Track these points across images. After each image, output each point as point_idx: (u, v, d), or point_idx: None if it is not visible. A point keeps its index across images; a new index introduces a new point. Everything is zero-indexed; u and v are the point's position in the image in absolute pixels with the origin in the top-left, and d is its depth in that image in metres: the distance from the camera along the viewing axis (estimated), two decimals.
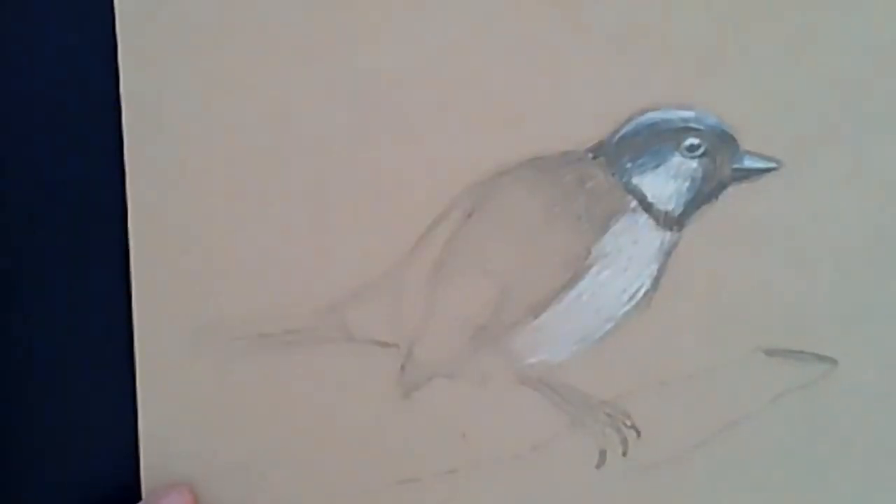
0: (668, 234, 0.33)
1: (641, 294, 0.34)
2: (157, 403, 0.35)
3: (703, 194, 0.33)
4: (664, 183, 0.33)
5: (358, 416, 0.35)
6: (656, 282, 0.34)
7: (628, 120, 0.33)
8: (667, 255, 0.34)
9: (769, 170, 0.33)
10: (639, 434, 0.35)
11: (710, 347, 0.34)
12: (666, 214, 0.33)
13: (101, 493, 0.36)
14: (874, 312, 0.34)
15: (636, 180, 0.33)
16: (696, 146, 0.33)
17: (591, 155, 0.33)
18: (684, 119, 0.33)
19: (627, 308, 0.34)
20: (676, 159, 0.33)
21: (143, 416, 0.35)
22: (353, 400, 0.35)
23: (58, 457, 0.36)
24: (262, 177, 0.34)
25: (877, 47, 0.33)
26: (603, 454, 0.35)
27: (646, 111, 0.33)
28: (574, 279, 0.33)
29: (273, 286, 0.34)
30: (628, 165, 0.33)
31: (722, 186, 0.33)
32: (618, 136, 0.33)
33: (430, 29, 0.33)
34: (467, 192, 0.34)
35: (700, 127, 0.33)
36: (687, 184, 0.33)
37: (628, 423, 0.35)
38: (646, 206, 0.33)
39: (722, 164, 0.33)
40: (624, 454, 0.35)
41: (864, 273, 0.34)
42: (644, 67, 0.33)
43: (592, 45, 0.33)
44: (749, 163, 0.33)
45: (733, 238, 0.34)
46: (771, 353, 0.34)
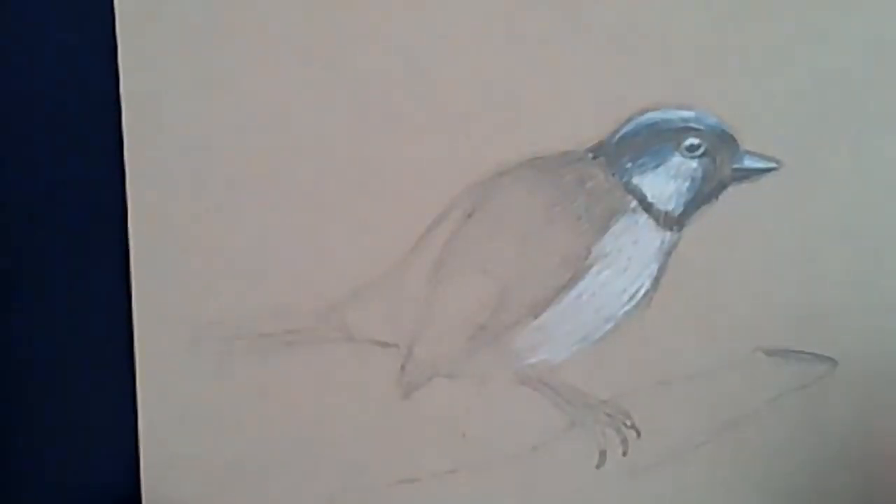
0: (668, 234, 0.33)
1: (641, 294, 0.34)
2: (157, 403, 0.35)
3: (703, 194, 0.33)
4: (664, 183, 0.33)
5: (358, 416, 0.35)
6: (656, 282, 0.34)
7: (628, 120, 0.33)
8: (667, 255, 0.34)
9: (769, 170, 0.33)
10: (639, 434, 0.35)
11: (709, 347, 0.34)
12: (666, 214, 0.33)
13: (102, 492, 0.36)
14: (873, 313, 0.34)
15: (636, 180, 0.33)
16: (696, 146, 0.33)
17: (591, 155, 0.33)
18: (684, 119, 0.33)
19: (627, 308, 0.34)
20: (676, 159, 0.33)
21: (143, 416, 0.35)
22: (353, 400, 0.35)
23: (57, 456, 0.36)
24: (262, 177, 0.34)
25: (876, 47, 0.33)
26: (603, 454, 0.35)
27: (646, 111, 0.33)
28: (574, 279, 0.33)
29: (273, 286, 0.34)
30: (628, 165, 0.33)
31: (722, 186, 0.33)
32: (618, 136, 0.33)
33: (429, 30, 0.33)
34: (467, 192, 0.34)
35: (700, 127, 0.33)
36: (687, 184, 0.33)
37: (628, 423, 0.35)
38: (646, 206, 0.33)
39: (722, 164, 0.33)
40: (624, 454, 0.35)
41: (863, 273, 0.34)
42: (644, 68, 0.33)
43: (592, 45, 0.33)
44: (749, 163, 0.33)
45: (733, 238, 0.34)
46: (771, 353, 0.34)
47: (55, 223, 0.35)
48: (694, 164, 0.33)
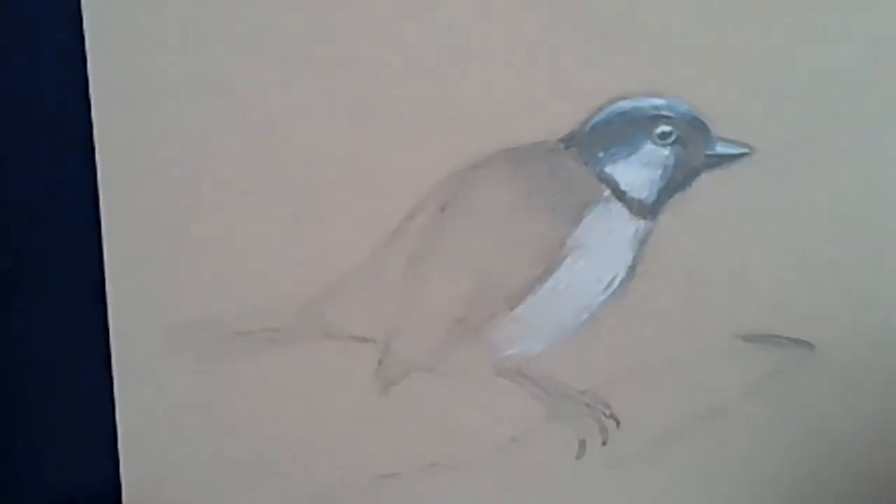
0: (643, 222, 0.33)
1: (617, 283, 0.34)
2: (136, 403, 0.35)
3: (676, 182, 0.33)
4: (637, 171, 0.33)
5: (337, 412, 0.35)
6: (632, 270, 0.34)
7: (599, 109, 0.33)
8: (641, 243, 0.34)
9: (742, 155, 0.33)
10: (618, 423, 0.35)
11: (687, 335, 0.34)
12: (639, 203, 0.33)
13: (82, 492, 0.36)
14: (849, 296, 0.34)
15: (609, 169, 0.33)
16: (668, 133, 0.33)
17: (563, 145, 0.33)
18: (656, 107, 0.33)
19: (603, 298, 0.34)
20: (648, 147, 0.33)
21: (122, 416, 0.35)
22: (332, 396, 0.35)
23: (37, 456, 0.36)
24: (238, 176, 0.34)
25: (851, 35, 0.32)
26: (583, 444, 0.35)
27: (617, 100, 0.33)
28: (549, 270, 0.33)
29: (250, 284, 0.34)
30: (600, 155, 0.33)
31: (695, 173, 0.33)
32: (589, 125, 0.33)
33: (400, 24, 0.33)
34: (440, 186, 0.33)
35: (671, 114, 0.33)
36: (660, 171, 0.33)
37: (608, 412, 0.35)
38: (619, 194, 0.33)
39: (694, 150, 0.33)
40: (604, 444, 0.35)
41: (838, 257, 0.34)
42: (615, 56, 0.33)
43: (562, 35, 0.33)
44: (721, 149, 0.33)
45: (707, 225, 0.33)
46: (748, 338, 0.34)
47: (28, 223, 0.35)
48: (666, 151, 0.33)
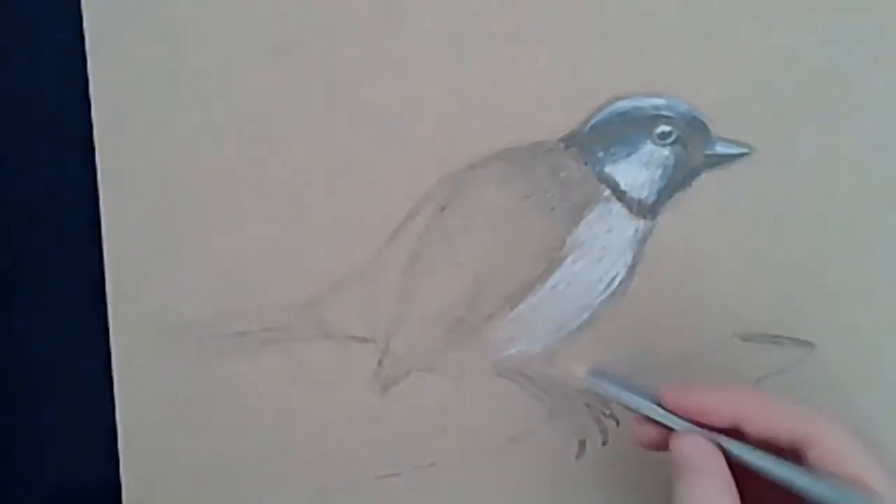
0: (642, 222, 0.33)
1: (617, 283, 0.34)
2: (135, 402, 0.35)
3: (675, 181, 0.33)
4: (637, 171, 0.33)
5: (337, 412, 0.35)
6: (631, 270, 0.34)
7: (599, 109, 0.33)
8: (641, 243, 0.33)
9: (741, 155, 0.33)
10: (618, 423, 0.35)
11: (687, 334, 0.34)
12: (639, 202, 0.33)
13: (82, 492, 0.36)
14: (850, 296, 0.34)
15: (609, 169, 0.33)
16: (668, 133, 0.33)
17: (562, 145, 0.33)
18: (655, 107, 0.33)
19: (603, 297, 0.34)
20: (648, 147, 0.33)
21: (122, 415, 0.35)
22: (331, 396, 0.35)
23: (37, 456, 0.36)
24: (237, 176, 0.34)
25: (851, 35, 0.32)
26: (582, 444, 0.35)
27: (617, 100, 0.33)
28: (549, 270, 0.33)
29: (249, 284, 0.34)
30: (600, 154, 0.33)
31: (695, 173, 0.33)
32: (589, 125, 0.33)
33: (399, 24, 0.33)
34: (440, 186, 0.33)
35: (671, 114, 0.33)
36: (659, 171, 0.33)
37: (607, 412, 0.35)
38: (619, 194, 0.33)
39: (694, 150, 0.33)
40: (604, 444, 0.35)
41: (838, 257, 0.34)
42: (615, 56, 0.33)
43: (562, 36, 0.33)
44: (721, 148, 0.33)
45: (707, 225, 0.33)
46: (748, 338, 0.34)
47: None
48: (666, 151, 0.33)
